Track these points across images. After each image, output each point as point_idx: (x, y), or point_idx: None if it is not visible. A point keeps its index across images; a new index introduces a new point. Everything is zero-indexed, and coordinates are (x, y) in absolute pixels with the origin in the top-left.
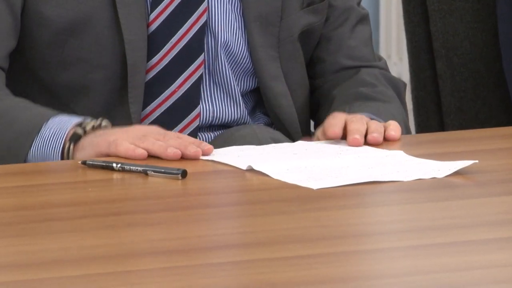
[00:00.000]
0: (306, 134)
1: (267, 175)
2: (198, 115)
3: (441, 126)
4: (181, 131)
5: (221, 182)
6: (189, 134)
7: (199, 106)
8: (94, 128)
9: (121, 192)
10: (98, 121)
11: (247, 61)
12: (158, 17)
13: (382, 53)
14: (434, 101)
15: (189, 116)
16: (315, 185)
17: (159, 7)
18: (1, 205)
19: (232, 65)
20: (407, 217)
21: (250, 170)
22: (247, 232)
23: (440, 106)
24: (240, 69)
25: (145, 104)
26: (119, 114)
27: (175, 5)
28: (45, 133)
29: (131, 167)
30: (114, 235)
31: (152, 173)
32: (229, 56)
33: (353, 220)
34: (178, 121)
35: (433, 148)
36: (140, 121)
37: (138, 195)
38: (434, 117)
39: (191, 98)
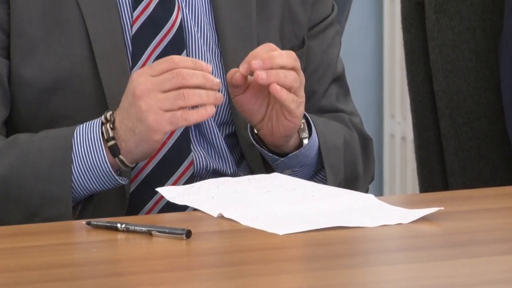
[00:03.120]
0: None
1: (271, 234)
2: (192, 162)
3: (445, 185)
4: (176, 181)
5: (225, 241)
6: (185, 183)
7: (191, 154)
8: (113, 128)
9: (125, 253)
10: (104, 119)
11: (226, 109)
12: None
13: (386, 112)
14: (438, 160)
15: (182, 165)
16: (281, 231)
17: (139, 62)
18: (5, 266)
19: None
20: (411, 276)
21: (250, 227)
22: None
23: (444, 166)
24: (219, 119)
25: None
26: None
27: (155, 57)
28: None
29: (135, 228)
30: None
31: (157, 233)
32: None
33: (357, 279)
34: (172, 172)
35: (436, 207)
36: (134, 177)
37: (143, 255)
38: (438, 176)
39: (182, 147)
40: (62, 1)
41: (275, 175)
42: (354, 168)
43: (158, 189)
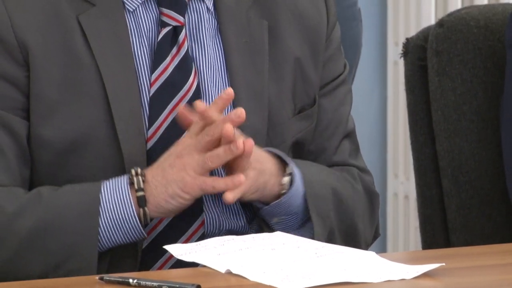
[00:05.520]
0: None
1: None
2: (203, 222)
3: (447, 243)
4: (186, 240)
5: None
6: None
7: (203, 214)
8: (144, 181)
9: None
10: (136, 172)
11: None
12: (155, 133)
13: (389, 172)
14: (440, 218)
15: (193, 225)
16: (289, 286)
17: (155, 123)
18: None
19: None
20: None
21: (257, 282)
22: None
23: (446, 223)
24: None
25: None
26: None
27: (170, 120)
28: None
29: (147, 283)
30: None
31: None
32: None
33: None
34: (183, 231)
35: (438, 263)
36: (147, 233)
37: None
38: (440, 234)
39: (194, 207)
40: (81, 65)
41: (277, 234)
42: (351, 220)
43: (166, 247)
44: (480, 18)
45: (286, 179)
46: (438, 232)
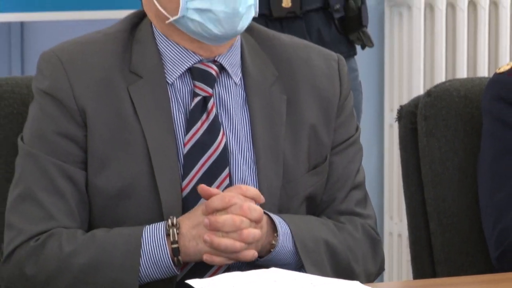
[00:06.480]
0: None
1: None
2: None
3: (434, 274)
4: (214, 272)
5: None
6: (223, 272)
7: None
8: (178, 232)
9: None
10: (172, 223)
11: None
12: (189, 184)
13: (386, 214)
14: (427, 253)
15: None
16: None
17: (189, 175)
18: None
19: None
20: None
21: None
22: None
23: (432, 258)
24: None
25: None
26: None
27: (202, 172)
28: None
29: None
30: None
31: None
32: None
33: None
34: (211, 266)
35: None
36: (181, 268)
37: None
38: (427, 266)
39: None
40: (129, 127)
41: (273, 269)
42: (347, 266)
43: (188, 281)
44: (461, 89)
45: (276, 238)
46: (426, 265)
